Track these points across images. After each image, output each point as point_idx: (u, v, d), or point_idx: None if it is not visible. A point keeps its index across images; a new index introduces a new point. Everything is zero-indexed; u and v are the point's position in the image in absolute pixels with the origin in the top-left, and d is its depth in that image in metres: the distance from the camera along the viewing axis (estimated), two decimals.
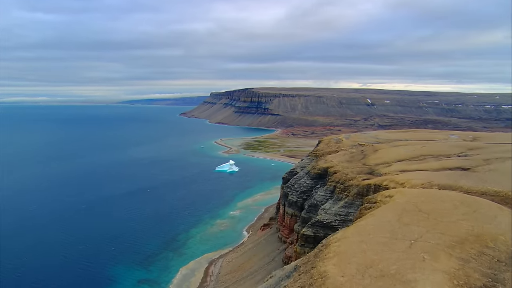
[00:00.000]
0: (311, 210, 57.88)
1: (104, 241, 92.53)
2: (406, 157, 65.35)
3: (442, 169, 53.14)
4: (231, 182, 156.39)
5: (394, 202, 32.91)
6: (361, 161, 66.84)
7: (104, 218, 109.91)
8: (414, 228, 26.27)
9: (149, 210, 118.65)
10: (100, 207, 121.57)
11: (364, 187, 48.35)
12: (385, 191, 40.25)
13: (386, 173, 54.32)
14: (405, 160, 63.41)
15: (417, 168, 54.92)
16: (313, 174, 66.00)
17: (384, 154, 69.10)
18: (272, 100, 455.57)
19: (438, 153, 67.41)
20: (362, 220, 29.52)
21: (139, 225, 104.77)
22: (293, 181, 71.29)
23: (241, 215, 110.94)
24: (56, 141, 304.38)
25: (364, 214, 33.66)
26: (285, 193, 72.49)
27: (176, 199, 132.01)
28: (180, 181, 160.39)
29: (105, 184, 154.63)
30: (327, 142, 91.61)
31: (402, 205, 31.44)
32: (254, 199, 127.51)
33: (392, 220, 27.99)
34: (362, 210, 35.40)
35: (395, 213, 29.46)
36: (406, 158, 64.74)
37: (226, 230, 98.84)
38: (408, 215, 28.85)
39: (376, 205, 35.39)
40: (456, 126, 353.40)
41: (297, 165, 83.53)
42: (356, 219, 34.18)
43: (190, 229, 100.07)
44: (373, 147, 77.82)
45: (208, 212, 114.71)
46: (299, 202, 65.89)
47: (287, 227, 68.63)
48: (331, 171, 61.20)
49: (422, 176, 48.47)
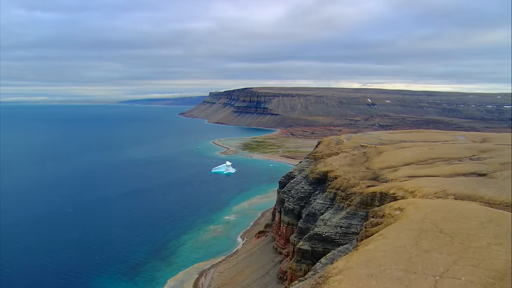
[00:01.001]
0: (309, 220, 52.30)
1: (89, 248, 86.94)
2: (413, 160, 59.75)
3: (455, 175, 47.51)
4: (227, 184, 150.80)
5: (408, 218, 27.29)
6: (364, 165, 61.23)
7: (91, 223, 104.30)
8: (437, 257, 20.65)
9: (140, 214, 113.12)
10: (88, 211, 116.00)
11: (368, 196, 42.78)
12: (394, 202, 34.61)
13: (392, 179, 48.70)
14: (412, 164, 57.79)
15: (427, 174, 49.29)
16: (311, 179, 60.32)
17: (389, 157, 63.49)
18: (272, 99, 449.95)
19: (448, 155, 61.81)
20: (369, 243, 23.91)
21: (128, 231, 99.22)
22: (290, 186, 65.63)
23: (236, 220, 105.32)
24: (53, 141, 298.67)
25: (371, 232, 28.04)
26: (281, 199, 66.80)
27: (170, 202, 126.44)
28: (175, 182, 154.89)
29: (97, 185, 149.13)
30: (327, 143, 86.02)
31: (417, 223, 25.82)
32: (250, 203, 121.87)
33: (408, 244, 22.38)
34: (368, 227, 29.79)
35: (410, 234, 23.85)
36: (413, 161, 59.13)
37: (220, 236, 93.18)
38: (427, 237, 23.23)
39: (384, 220, 29.78)
40: (458, 126, 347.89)
41: (295, 168, 77.90)
42: (361, 238, 28.56)
43: (182, 235, 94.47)
44: (376, 149, 72.24)
45: (202, 216, 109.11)
46: (296, 210, 60.25)
47: (283, 237, 63.03)
48: (331, 176, 55.58)
49: (434, 183, 42.85)
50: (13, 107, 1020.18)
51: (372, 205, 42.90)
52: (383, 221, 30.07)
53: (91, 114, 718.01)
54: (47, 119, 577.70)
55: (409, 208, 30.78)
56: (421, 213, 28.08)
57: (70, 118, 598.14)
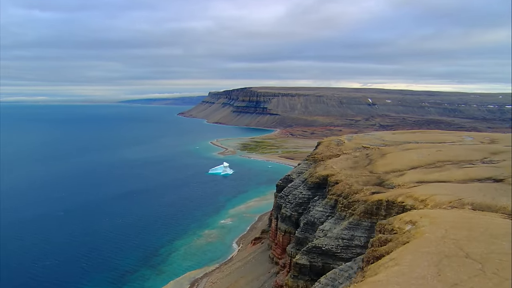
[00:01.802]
0: (308, 229, 47.95)
1: (77, 254, 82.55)
2: (420, 163, 55.34)
3: (469, 180, 43.10)
4: (224, 186, 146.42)
5: (424, 237, 22.88)
6: (367, 168, 56.82)
7: (82, 227, 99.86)
8: None
9: (133, 217, 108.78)
10: (80, 214, 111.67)
11: (373, 204, 38.41)
12: (404, 214, 30.20)
13: (399, 184, 44.30)
14: (419, 168, 53.39)
15: (438, 179, 44.89)
16: (310, 184, 55.87)
17: (393, 159, 59.08)
18: (271, 99, 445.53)
19: (457, 158, 57.40)
20: (379, 270, 19.52)
21: (120, 235, 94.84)
22: (287, 190, 61.17)
23: (233, 224, 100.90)
24: (50, 141, 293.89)
25: (380, 252, 23.64)
26: (278, 205, 62.33)
27: (164, 205, 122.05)
28: (171, 184, 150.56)
29: (91, 187, 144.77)
30: (327, 145, 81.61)
31: (437, 243, 21.42)
32: (247, 206, 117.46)
33: (429, 274, 17.97)
34: (375, 245, 25.42)
35: (430, 260, 19.44)
36: (421, 164, 54.73)
37: (214, 242, 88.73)
38: (451, 264, 18.82)
39: (395, 237, 25.38)
40: (459, 127, 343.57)
41: (293, 171, 73.46)
42: (369, 259, 24.15)
43: (175, 240, 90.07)
44: (380, 151, 67.83)
45: (197, 220, 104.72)
46: (294, 217, 55.83)
47: (279, 246, 58.63)
48: (332, 180, 51.16)
49: (447, 190, 38.45)
50: (12, 107, 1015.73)
51: (377, 215, 38.52)
52: (393, 238, 25.65)
53: (90, 114, 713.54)
54: (46, 119, 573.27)
55: (424, 222, 26.38)
56: (440, 230, 23.67)
57: (69, 118, 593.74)
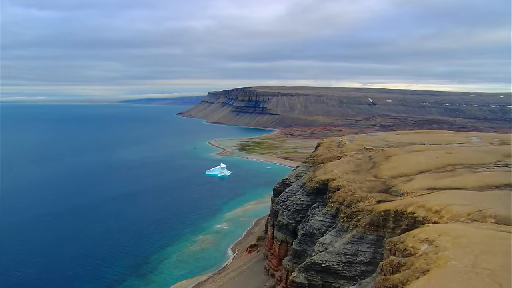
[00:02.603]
0: (306, 241, 43.52)
1: (64, 262, 78.05)
2: (429, 167, 50.87)
3: (486, 187, 38.62)
4: (221, 188, 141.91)
5: (448, 266, 18.42)
6: (371, 172, 52.33)
7: (71, 232, 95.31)
8: None
9: (125, 221, 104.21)
10: (70, 217, 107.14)
11: (380, 215, 33.96)
12: (419, 230, 25.70)
13: (408, 191, 39.82)
14: (429, 172, 48.93)
15: (450, 185, 40.41)
16: (309, 189, 51.35)
17: (399, 162, 54.60)
18: (271, 99, 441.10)
19: (469, 161, 52.93)
20: None
21: (110, 241, 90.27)
22: (285, 196, 56.66)
23: (228, 229, 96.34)
24: (47, 141, 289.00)
25: (392, 283, 19.18)
26: (274, 211, 57.80)
27: (158, 208, 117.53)
28: (167, 186, 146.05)
29: (84, 189, 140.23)
30: (327, 146, 77.13)
31: (467, 277, 16.98)
32: (244, 209, 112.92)
33: None
34: (386, 271, 20.95)
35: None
36: (430, 168, 50.26)
37: (209, 248, 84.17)
38: None
39: (409, 261, 20.89)
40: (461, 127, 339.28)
41: (291, 174, 68.98)
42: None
43: (167, 247, 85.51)
44: (384, 153, 63.38)
45: (191, 225, 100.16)
46: (291, 225, 51.35)
47: (275, 257, 54.19)
48: (333, 186, 46.68)
49: (463, 198, 33.95)
50: (12, 107, 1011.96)
51: (384, 227, 34.04)
52: (407, 262, 21.16)
53: (89, 114, 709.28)
54: (44, 118, 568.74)
55: (444, 242, 21.89)
56: (467, 256, 19.19)
57: (67, 118, 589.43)
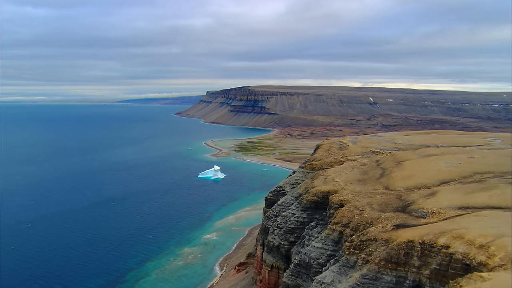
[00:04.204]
0: (300, 274, 34.07)
1: (28, 280, 68.73)
2: (452, 175, 41.44)
3: None
4: (213, 192, 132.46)
5: None
6: (381, 182, 42.94)
7: (43, 244, 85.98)
8: None
9: (105, 231, 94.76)
10: (46, 226, 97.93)
11: (400, 248, 24.60)
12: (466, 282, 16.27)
13: (433, 211, 30.35)
14: (453, 182, 39.50)
15: (489, 203, 30.93)
16: (305, 203, 41.84)
17: (415, 169, 45.15)
18: (269, 98, 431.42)
19: (499, 168, 43.43)
20: None
21: (85, 254, 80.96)
22: (277, 209, 47.18)
23: (218, 239, 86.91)
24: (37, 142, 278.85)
25: None
26: (264, 227, 48.25)
27: (143, 215, 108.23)
28: (155, 190, 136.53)
29: (66, 194, 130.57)
30: (327, 148, 67.70)
31: None
32: (237, 216, 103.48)
33: None
34: None
35: None
36: (454, 177, 40.83)
37: (193, 264, 74.68)
38: None
39: None
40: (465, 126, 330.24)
41: (286, 181, 59.51)
42: None
43: (147, 261, 76.14)
44: (393, 157, 53.92)
45: (177, 235, 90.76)
46: (284, 248, 41.92)
47: (265, 284, 44.65)
48: (335, 200, 37.24)
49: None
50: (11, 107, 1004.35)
51: (406, 265, 24.60)
52: None
53: (87, 114, 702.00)
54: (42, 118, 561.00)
55: None
56: None
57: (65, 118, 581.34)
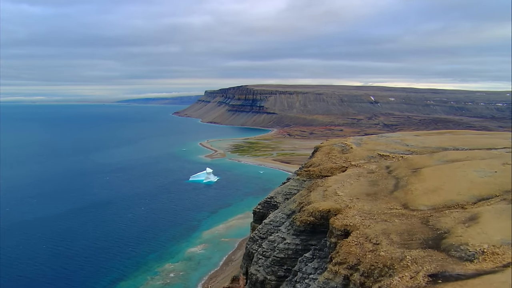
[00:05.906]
0: None
1: None
2: (491, 189, 31.66)
3: None
4: (204, 197, 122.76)
5: None
6: (396, 196, 33.16)
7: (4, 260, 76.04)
8: None
9: (79, 243, 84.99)
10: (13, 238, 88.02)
11: None
12: None
13: (483, 250, 20.52)
14: (494, 199, 29.71)
15: None
16: (299, 225, 31.75)
17: (438, 179, 35.28)
18: (268, 97, 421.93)
19: None
20: None
21: (53, 271, 71.46)
22: (263, 230, 37.25)
23: (204, 253, 77.16)
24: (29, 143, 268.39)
25: None
26: (249, 252, 38.37)
27: (126, 223, 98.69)
28: (142, 195, 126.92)
29: (45, 200, 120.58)
30: (327, 151, 57.90)
31: None
32: (227, 226, 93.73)
33: None
34: None
35: None
36: (494, 192, 31.08)
37: (174, 284, 64.91)
38: None
39: None
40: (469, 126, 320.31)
41: (278, 191, 49.69)
42: None
43: (120, 281, 66.44)
44: (407, 162, 44.11)
45: (159, 248, 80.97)
46: (270, 285, 31.82)
47: None
48: (338, 225, 27.33)
49: None
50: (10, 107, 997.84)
51: None
52: None
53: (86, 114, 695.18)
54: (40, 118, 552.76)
55: None
56: None
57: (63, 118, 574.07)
